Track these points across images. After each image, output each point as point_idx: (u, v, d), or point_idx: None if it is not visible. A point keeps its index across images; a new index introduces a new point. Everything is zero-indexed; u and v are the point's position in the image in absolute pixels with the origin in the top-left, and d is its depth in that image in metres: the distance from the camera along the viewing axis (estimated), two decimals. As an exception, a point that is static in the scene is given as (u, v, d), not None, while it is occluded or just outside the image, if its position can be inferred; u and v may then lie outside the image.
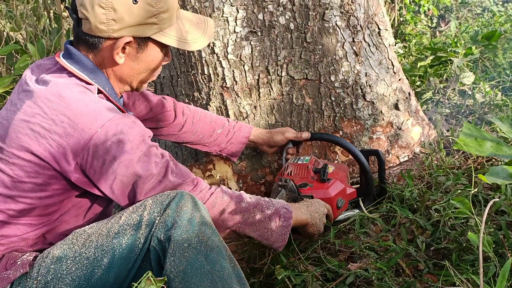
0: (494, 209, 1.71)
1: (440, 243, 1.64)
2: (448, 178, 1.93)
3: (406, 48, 4.37)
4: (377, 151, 1.91)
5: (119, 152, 1.28)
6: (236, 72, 2.01)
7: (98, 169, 1.28)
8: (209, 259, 1.19)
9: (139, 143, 1.31)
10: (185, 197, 1.26)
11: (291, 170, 1.82)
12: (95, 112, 1.28)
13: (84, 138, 1.25)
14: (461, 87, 2.83)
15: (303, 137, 1.92)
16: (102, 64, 1.41)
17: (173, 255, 1.18)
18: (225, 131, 1.90)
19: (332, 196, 1.72)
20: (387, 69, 2.18)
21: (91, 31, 1.34)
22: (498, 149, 1.05)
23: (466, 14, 6.45)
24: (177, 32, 1.42)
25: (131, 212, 1.26)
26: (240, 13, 1.96)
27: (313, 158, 1.86)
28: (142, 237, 1.22)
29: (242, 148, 1.93)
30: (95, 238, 1.25)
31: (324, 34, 2.02)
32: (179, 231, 1.20)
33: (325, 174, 1.74)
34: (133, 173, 1.30)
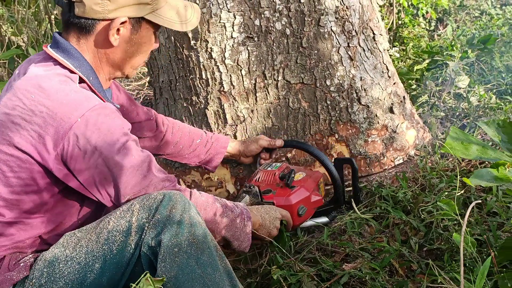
0: (486, 210, 1.75)
1: (433, 244, 1.68)
2: (441, 181, 1.97)
3: (404, 51, 4.41)
4: (351, 160, 1.92)
5: (99, 142, 1.26)
6: (234, 77, 2.05)
7: (79, 159, 1.26)
8: (200, 263, 1.20)
9: (121, 135, 1.31)
10: (173, 199, 1.25)
11: (259, 176, 1.84)
12: (75, 101, 1.27)
13: (64, 128, 1.24)
14: (457, 90, 2.87)
15: (277, 144, 1.95)
16: (94, 49, 1.40)
17: (164, 260, 1.18)
18: (203, 141, 1.91)
19: (293, 203, 1.73)
20: (382, 73, 2.22)
21: (85, 13, 1.33)
22: (484, 153, 1.09)
23: (464, 17, 6.49)
24: (167, 14, 1.45)
25: (119, 217, 1.25)
26: (237, 19, 2.00)
27: (284, 165, 1.88)
28: (133, 243, 1.23)
29: (221, 158, 1.95)
30: (85, 243, 1.24)
31: (319, 39, 2.06)
32: (169, 235, 1.20)
33: (289, 181, 1.75)
34: (115, 164, 1.28)
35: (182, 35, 2.06)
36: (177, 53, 2.11)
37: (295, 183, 1.79)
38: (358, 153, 2.12)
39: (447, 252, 1.59)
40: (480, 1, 6.79)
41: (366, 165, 2.13)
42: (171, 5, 1.47)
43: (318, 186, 1.87)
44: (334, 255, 1.76)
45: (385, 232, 1.83)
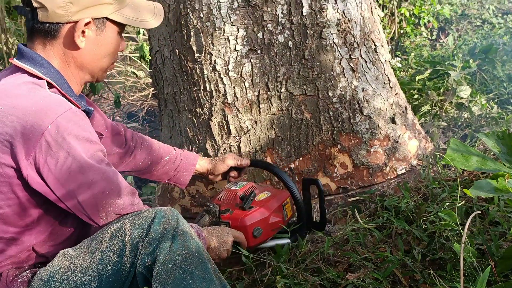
0: (488, 220, 1.76)
1: (436, 253, 1.69)
2: (443, 191, 1.99)
3: (405, 60, 4.44)
4: (317, 181, 1.89)
5: (72, 149, 1.25)
6: (237, 89, 2.08)
7: (51, 167, 1.24)
8: (194, 277, 1.21)
9: (92, 142, 1.31)
10: (165, 215, 1.26)
11: (221, 195, 1.83)
12: (45, 107, 1.26)
13: (35, 136, 1.22)
14: (458, 100, 2.89)
15: (243, 164, 1.94)
16: (62, 53, 1.40)
17: (159, 277, 1.19)
18: (172, 158, 1.90)
19: (247, 225, 1.70)
20: (384, 84, 2.25)
21: (48, 18, 1.33)
22: (484, 164, 1.11)
23: (466, 26, 6.53)
24: (130, 12, 1.47)
25: (111, 237, 1.26)
26: (240, 32, 2.03)
27: (249, 184, 1.86)
28: (128, 262, 1.24)
29: (189, 176, 1.93)
30: (79, 262, 1.25)
31: (321, 52, 2.09)
32: (163, 252, 1.21)
33: (246, 202, 1.74)
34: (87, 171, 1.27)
35: (186, 48, 2.10)
36: (182, 65, 2.15)
37: (256, 204, 1.76)
38: (360, 163, 2.14)
39: (450, 262, 1.60)
40: (481, 10, 6.83)
41: (368, 175, 2.15)
42: (134, 4, 1.49)
43: (282, 207, 1.83)
44: (337, 265, 1.78)
45: (388, 242, 1.84)
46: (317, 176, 2.13)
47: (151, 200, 3.03)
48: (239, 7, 2.02)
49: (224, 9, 2.02)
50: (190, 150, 2.22)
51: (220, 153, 2.15)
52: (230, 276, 1.83)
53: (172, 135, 2.34)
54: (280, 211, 1.81)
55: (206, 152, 2.17)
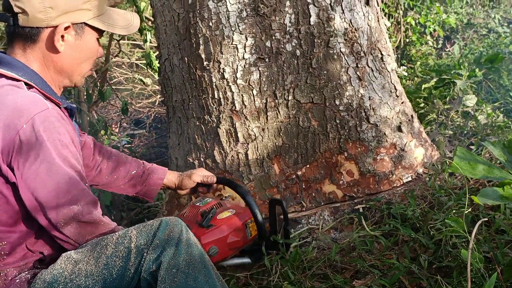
0: (494, 228, 1.77)
1: (442, 261, 1.70)
2: (450, 199, 2.00)
3: (411, 69, 4.46)
4: (281, 201, 1.87)
5: (42, 150, 1.27)
6: (245, 96, 2.10)
7: (20, 165, 1.26)
8: (198, 281, 1.24)
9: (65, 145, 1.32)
10: (170, 223, 1.29)
11: (185, 211, 1.82)
12: (22, 107, 1.28)
13: (11, 134, 1.25)
14: (464, 108, 2.91)
15: (209, 181, 1.93)
16: (42, 57, 1.42)
17: (164, 282, 1.22)
18: (139, 172, 1.89)
19: (203, 243, 1.66)
20: (390, 93, 2.27)
21: (29, 22, 1.37)
22: (490, 172, 1.13)
23: (472, 35, 6.55)
24: (108, 19, 1.51)
25: (116, 243, 1.29)
26: (249, 41, 2.06)
27: (214, 201, 1.84)
28: (132, 268, 1.26)
29: (157, 190, 1.93)
30: (83, 266, 1.27)
31: (329, 60, 2.11)
32: (168, 257, 1.24)
33: (205, 220, 1.72)
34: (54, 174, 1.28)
35: (195, 57, 2.13)
36: (190, 73, 2.18)
37: (216, 222, 1.74)
38: (367, 171, 2.16)
39: (456, 269, 1.61)
40: (487, 20, 6.84)
41: (375, 182, 2.17)
42: (112, 12, 1.55)
43: (245, 225, 1.80)
44: (344, 271, 1.79)
45: (394, 249, 1.85)
46: (324, 183, 2.14)
47: (158, 206, 3.06)
48: (248, 16, 2.05)
49: (233, 18, 2.05)
50: (198, 157, 2.25)
51: (227, 160, 2.17)
52: (237, 281, 1.84)
53: (180, 142, 2.37)
54: (242, 230, 1.78)
55: (214, 159, 2.19)
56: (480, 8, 7.19)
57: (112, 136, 4.15)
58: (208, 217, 1.71)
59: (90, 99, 3.45)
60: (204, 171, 1.95)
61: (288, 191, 2.15)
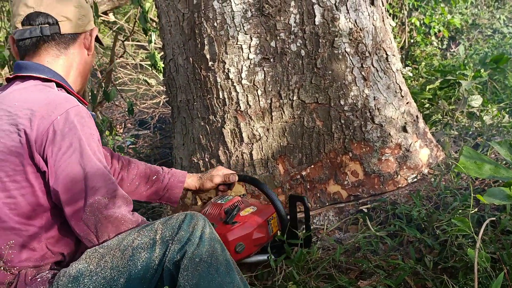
0: (500, 228, 1.76)
1: (448, 261, 1.69)
2: (455, 199, 1.99)
3: (416, 69, 4.45)
4: (302, 198, 1.86)
5: (75, 141, 1.32)
6: (250, 97, 2.10)
7: (54, 154, 1.31)
8: (219, 272, 1.28)
9: (95, 139, 1.38)
10: (195, 217, 1.33)
11: (207, 209, 1.83)
12: (55, 101, 1.35)
13: (44, 124, 1.31)
14: (469, 109, 2.89)
15: (231, 180, 1.95)
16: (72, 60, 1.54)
17: (186, 269, 1.26)
18: (159, 177, 1.92)
19: (229, 240, 1.68)
20: (395, 93, 2.26)
21: (72, 28, 1.51)
22: (496, 172, 1.12)
23: (477, 35, 6.52)
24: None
25: (142, 235, 1.32)
26: (253, 41, 2.06)
27: (236, 198, 1.85)
28: (157, 260, 1.29)
29: (179, 193, 1.94)
30: (109, 258, 1.30)
31: (333, 60, 2.11)
32: (192, 247, 1.28)
33: (229, 217, 1.73)
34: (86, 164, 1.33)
35: (200, 57, 2.13)
36: (195, 73, 2.18)
37: (240, 219, 1.75)
38: (372, 171, 2.15)
39: (462, 270, 1.60)
40: (492, 20, 6.82)
41: (380, 183, 2.16)
42: None
43: (267, 222, 1.82)
44: (349, 272, 1.78)
45: (400, 250, 1.85)
46: (329, 183, 2.14)
47: (162, 206, 3.06)
48: (253, 17, 2.05)
49: (237, 18, 2.05)
50: (202, 157, 2.25)
51: (232, 160, 2.17)
52: (242, 282, 1.84)
53: (185, 142, 2.37)
54: (264, 227, 1.80)
55: (219, 159, 2.19)
56: (485, 8, 7.16)
57: (117, 137, 4.16)
58: (232, 214, 1.74)
59: (95, 99, 3.46)
60: (224, 170, 1.98)
61: (293, 192, 2.15)
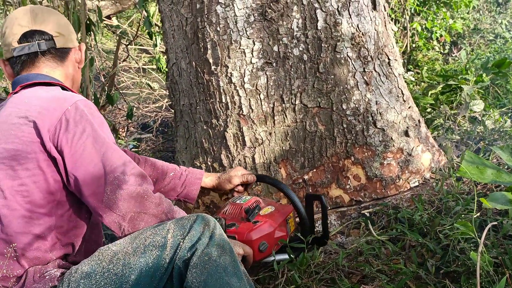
0: (502, 233, 1.76)
1: (450, 266, 1.69)
2: (457, 203, 1.99)
3: (418, 74, 4.46)
4: (320, 197, 1.87)
5: (88, 126, 1.40)
6: (252, 101, 2.11)
7: (69, 140, 1.38)
8: (227, 272, 1.31)
9: (107, 125, 1.48)
10: (206, 218, 1.37)
11: (227, 209, 1.84)
12: (63, 96, 1.46)
13: (56, 114, 1.39)
14: (471, 114, 2.90)
15: (249, 180, 1.98)
16: (67, 72, 1.65)
17: (195, 267, 1.29)
18: (177, 174, 1.95)
19: (253, 239, 1.70)
20: (397, 98, 2.27)
21: (65, 43, 1.63)
22: (499, 177, 1.12)
23: (479, 40, 6.53)
24: None
25: (155, 234, 1.35)
26: (256, 45, 2.07)
27: (254, 198, 1.86)
28: (168, 258, 1.32)
29: (197, 190, 1.97)
30: (121, 256, 1.33)
31: (336, 65, 2.12)
32: (202, 246, 1.31)
33: (251, 215, 1.75)
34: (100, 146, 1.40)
35: (203, 61, 2.14)
36: (198, 77, 2.19)
37: (260, 218, 1.76)
38: (374, 175, 2.16)
39: (464, 274, 1.60)
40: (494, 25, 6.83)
41: (382, 187, 2.17)
42: None
43: (286, 221, 1.83)
44: (351, 276, 1.79)
45: (402, 254, 1.85)
46: (331, 187, 2.14)
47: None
48: (255, 21, 2.06)
49: (240, 23, 2.06)
50: (205, 161, 2.26)
51: (234, 164, 2.17)
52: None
53: (187, 145, 2.38)
54: (284, 226, 1.82)
55: (221, 162, 2.20)
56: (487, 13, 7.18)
57: (119, 140, 4.17)
58: (254, 213, 1.76)
59: (98, 103, 3.47)
60: (242, 170, 2.01)
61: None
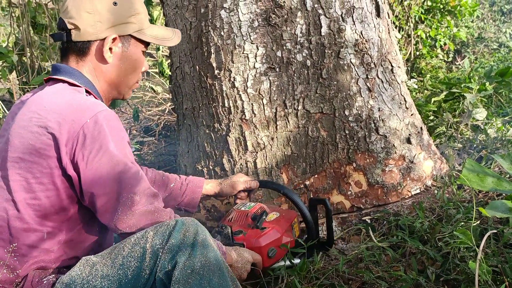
0: (503, 242, 1.76)
1: (450, 274, 1.69)
2: (458, 211, 1.99)
3: (421, 82, 4.46)
4: (324, 200, 1.89)
5: (105, 143, 1.36)
6: (255, 105, 2.12)
7: (85, 157, 1.35)
8: (212, 284, 1.25)
9: (124, 141, 1.42)
10: (186, 223, 1.31)
11: (232, 216, 1.83)
12: (84, 105, 1.39)
13: (75, 128, 1.35)
14: (474, 122, 2.90)
15: (252, 186, 1.97)
16: (92, 69, 1.54)
17: (177, 282, 1.23)
18: (177, 185, 1.95)
19: (262, 245, 1.70)
20: (400, 105, 2.27)
21: (81, 37, 1.50)
22: (499, 185, 1.12)
23: (483, 49, 6.54)
24: (152, 32, 1.62)
25: (133, 244, 1.31)
26: (260, 50, 2.08)
27: (258, 205, 1.86)
28: (147, 269, 1.28)
29: (198, 198, 1.96)
30: (100, 267, 1.30)
31: (339, 71, 2.13)
32: (183, 258, 1.26)
33: (258, 222, 1.75)
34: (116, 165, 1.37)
35: (206, 65, 2.15)
36: (201, 81, 2.20)
37: (267, 224, 1.77)
38: (375, 182, 2.16)
39: (464, 282, 1.60)
40: (498, 34, 6.84)
41: (383, 194, 2.17)
42: (154, 27, 1.66)
43: (291, 227, 1.84)
44: (351, 282, 1.78)
45: (402, 261, 1.84)
46: (332, 193, 2.14)
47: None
48: (259, 26, 2.07)
49: (244, 28, 2.07)
50: (207, 165, 2.26)
51: (236, 168, 2.18)
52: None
53: (189, 149, 2.38)
54: (290, 231, 1.82)
55: (223, 167, 2.20)
56: (491, 22, 7.19)
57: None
58: (261, 219, 1.76)
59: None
60: (244, 176, 2.00)
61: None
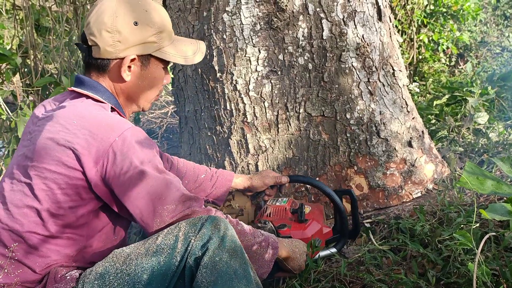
0: (503, 245, 1.76)
1: (451, 277, 1.69)
2: (459, 215, 1.99)
3: (424, 85, 4.46)
4: (350, 191, 1.96)
5: (135, 158, 1.39)
6: (257, 108, 2.13)
7: (116, 174, 1.38)
8: (237, 274, 1.31)
9: (153, 154, 1.45)
10: (217, 219, 1.37)
11: (270, 211, 1.88)
12: (112, 124, 1.42)
13: (104, 146, 1.37)
14: (476, 126, 2.90)
15: (282, 181, 2.00)
16: (112, 85, 1.56)
17: (206, 267, 1.29)
18: (208, 176, 1.98)
19: (309, 236, 1.78)
20: (401, 108, 2.28)
21: (100, 54, 1.51)
22: (498, 188, 1.13)
23: (485, 53, 6.53)
24: (174, 50, 1.60)
25: (167, 233, 1.37)
26: (262, 54, 2.09)
27: (291, 199, 1.93)
28: (178, 256, 1.33)
29: (227, 191, 1.99)
30: (134, 256, 1.35)
31: (340, 74, 2.13)
32: (214, 246, 1.31)
33: (302, 215, 1.80)
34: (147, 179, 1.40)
35: (208, 68, 2.16)
36: (203, 84, 2.21)
37: (308, 216, 1.84)
38: (376, 185, 2.16)
39: (464, 286, 1.60)
40: (501, 38, 6.83)
41: (384, 197, 2.17)
42: (178, 42, 1.64)
43: (324, 218, 1.92)
44: (351, 285, 1.78)
45: (403, 265, 1.84)
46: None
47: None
48: (261, 30, 2.08)
49: (246, 31, 2.08)
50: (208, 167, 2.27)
51: (237, 171, 2.19)
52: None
53: (191, 152, 2.39)
54: (325, 222, 1.89)
55: (225, 169, 2.21)
56: (494, 26, 7.19)
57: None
58: (303, 213, 1.81)
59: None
60: (273, 172, 2.03)
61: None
